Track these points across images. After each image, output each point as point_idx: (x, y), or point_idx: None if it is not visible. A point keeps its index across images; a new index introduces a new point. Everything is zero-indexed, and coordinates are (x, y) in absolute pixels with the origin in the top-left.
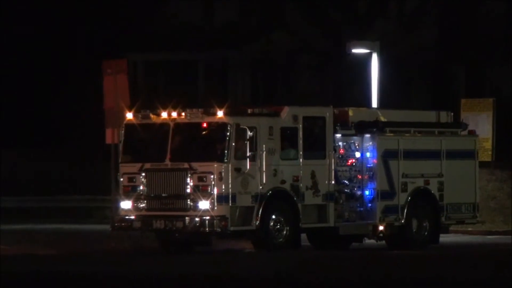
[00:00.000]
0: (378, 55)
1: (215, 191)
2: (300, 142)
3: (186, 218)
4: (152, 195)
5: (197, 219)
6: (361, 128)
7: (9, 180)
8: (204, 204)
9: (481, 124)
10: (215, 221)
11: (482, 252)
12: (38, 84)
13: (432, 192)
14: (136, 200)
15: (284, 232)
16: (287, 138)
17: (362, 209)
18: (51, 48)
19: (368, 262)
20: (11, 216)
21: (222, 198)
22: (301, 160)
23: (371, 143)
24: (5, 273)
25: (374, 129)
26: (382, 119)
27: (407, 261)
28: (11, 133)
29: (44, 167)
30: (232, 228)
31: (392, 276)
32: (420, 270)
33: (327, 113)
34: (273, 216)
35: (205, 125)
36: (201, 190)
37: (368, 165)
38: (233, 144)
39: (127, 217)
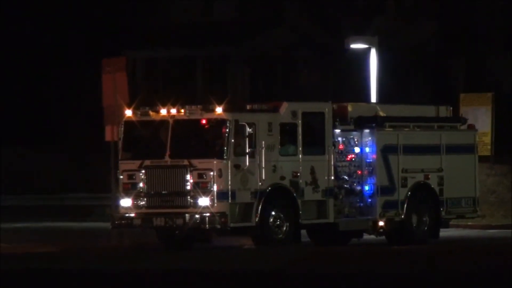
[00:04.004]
0: (376, 50)
1: (215, 187)
2: (299, 137)
3: (186, 215)
4: (152, 192)
5: (197, 216)
6: (360, 123)
7: (8, 178)
8: (204, 201)
9: (481, 118)
10: (215, 217)
11: (482, 246)
12: (37, 82)
13: (432, 186)
14: (136, 197)
15: (284, 228)
16: (286, 134)
17: (362, 204)
18: (50, 46)
19: (368, 257)
20: (11, 214)
21: (221, 195)
22: (300, 156)
23: (370, 138)
24: (5, 271)
25: (374, 124)
26: (381, 114)
27: (407, 255)
28: (10, 131)
29: (43, 165)
30: (232, 225)
31: (392, 270)
32: (419, 264)
33: (326, 108)
34: (273, 213)
35: (204, 121)
36: (201, 187)
37: (368, 160)
38: (232, 140)
39: (127, 214)
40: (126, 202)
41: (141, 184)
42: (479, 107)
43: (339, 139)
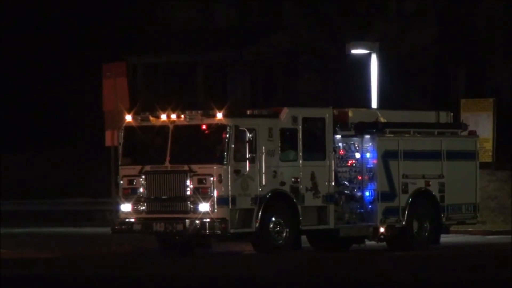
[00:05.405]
0: (377, 56)
1: (215, 193)
2: (300, 143)
3: (186, 220)
4: (152, 197)
5: (197, 221)
6: (361, 129)
7: (10, 183)
8: (204, 207)
9: (482, 124)
10: (215, 223)
11: (483, 252)
12: (38, 87)
13: (433, 193)
14: (136, 202)
15: (284, 234)
16: (287, 139)
17: (362, 210)
18: (51, 51)
19: (368, 262)
20: (12, 219)
21: (222, 200)
22: (300, 161)
23: (371, 144)
24: (5, 277)
25: (374, 130)
26: (382, 119)
27: (408, 261)
28: (12, 136)
29: (44, 170)
30: (232, 230)
31: (392, 276)
32: (421, 270)
33: (327, 114)
34: (273, 218)
35: (204, 127)
36: (201, 193)
37: (368, 166)
38: (233, 146)
39: (127, 219)
40: (126, 207)
41: (141, 190)
42: (480, 113)
43: (340, 144)
